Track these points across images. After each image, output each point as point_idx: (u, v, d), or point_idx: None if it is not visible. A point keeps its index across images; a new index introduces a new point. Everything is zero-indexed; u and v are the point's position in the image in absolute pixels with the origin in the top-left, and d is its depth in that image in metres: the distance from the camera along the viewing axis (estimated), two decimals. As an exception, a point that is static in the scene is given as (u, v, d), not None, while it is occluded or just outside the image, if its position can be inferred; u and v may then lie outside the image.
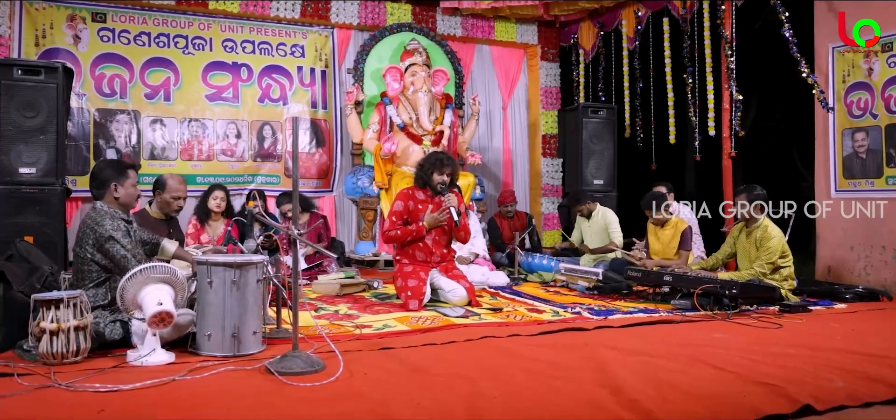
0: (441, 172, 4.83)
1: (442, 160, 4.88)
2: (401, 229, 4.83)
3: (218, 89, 7.64)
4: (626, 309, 4.68)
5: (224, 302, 3.15)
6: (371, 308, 4.61)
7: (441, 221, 4.75)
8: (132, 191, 3.53)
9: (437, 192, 4.84)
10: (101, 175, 3.46)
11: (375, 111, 7.72)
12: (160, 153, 7.39)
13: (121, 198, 3.47)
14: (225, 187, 5.94)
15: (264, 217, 3.58)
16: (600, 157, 7.94)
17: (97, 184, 3.45)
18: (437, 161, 4.89)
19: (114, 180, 3.44)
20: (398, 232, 4.82)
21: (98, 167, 3.56)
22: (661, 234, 5.85)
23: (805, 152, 15.63)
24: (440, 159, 4.89)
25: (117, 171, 3.49)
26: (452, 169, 4.87)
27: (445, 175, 4.82)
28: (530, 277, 6.26)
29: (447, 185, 4.83)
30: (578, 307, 4.71)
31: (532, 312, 4.50)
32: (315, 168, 8.08)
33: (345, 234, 8.27)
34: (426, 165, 4.93)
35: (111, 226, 3.26)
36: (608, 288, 5.40)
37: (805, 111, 7.46)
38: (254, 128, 7.82)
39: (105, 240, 3.24)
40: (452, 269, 4.98)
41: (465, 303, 4.73)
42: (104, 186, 3.44)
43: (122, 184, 3.47)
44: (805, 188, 14.78)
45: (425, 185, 4.92)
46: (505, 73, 9.22)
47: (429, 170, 4.88)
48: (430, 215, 4.77)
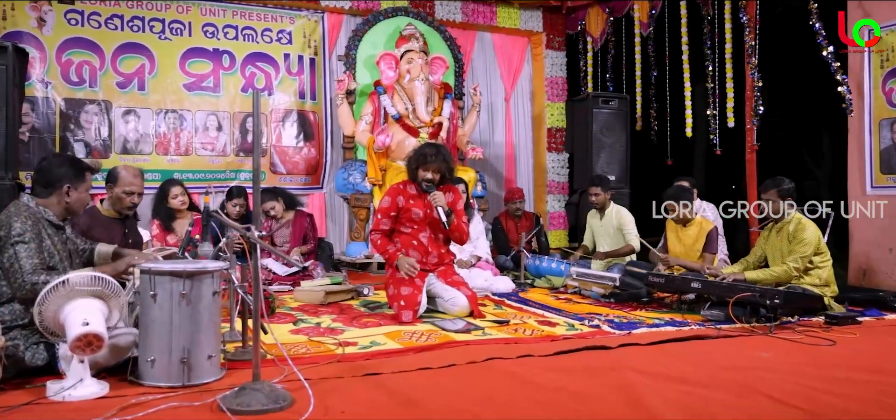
0: (426, 168, 4.24)
1: (426, 154, 4.28)
2: (381, 240, 4.28)
3: (197, 78, 7.05)
4: (651, 321, 4.09)
5: (171, 320, 2.56)
6: (358, 320, 4.03)
7: (412, 273, 4.16)
8: (85, 197, 2.98)
9: (423, 190, 4.26)
10: (54, 172, 2.87)
11: (368, 101, 7.13)
12: (133, 147, 6.80)
13: (72, 203, 2.89)
14: (181, 182, 5.40)
15: (220, 215, 2.99)
16: (612, 151, 7.34)
17: (45, 181, 2.86)
18: (421, 155, 4.31)
19: (68, 182, 2.86)
20: (379, 241, 4.28)
21: (51, 162, 2.96)
22: (684, 234, 5.27)
23: (814, 149, 15.07)
24: (424, 153, 4.30)
25: (75, 172, 2.93)
26: (442, 164, 4.25)
27: (430, 172, 4.23)
28: (538, 282, 5.68)
29: (433, 182, 4.25)
30: (596, 318, 4.12)
31: (543, 325, 3.91)
32: (303, 163, 7.49)
33: (336, 234, 7.68)
34: (411, 160, 4.37)
35: (19, 229, 2.67)
36: (626, 295, 4.82)
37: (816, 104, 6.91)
38: (236, 120, 7.23)
39: (5, 244, 2.65)
40: (452, 274, 4.40)
41: (466, 313, 4.14)
42: (54, 186, 2.85)
43: (77, 188, 2.90)
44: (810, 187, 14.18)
45: (414, 180, 4.35)
46: (507, 63, 8.64)
47: (413, 165, 4.32)
48: (401, 259, 4.19)
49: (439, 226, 4.31)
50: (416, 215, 4.32)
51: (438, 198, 4.20)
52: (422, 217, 4.33)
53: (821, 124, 13.15)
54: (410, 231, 4.33)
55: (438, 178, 4.28)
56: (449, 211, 4.24)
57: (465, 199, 4.51)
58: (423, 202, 4.33)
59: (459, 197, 4.48)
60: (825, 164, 13.73)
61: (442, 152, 4.33)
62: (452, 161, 4.41)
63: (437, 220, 4.28)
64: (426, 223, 4.33)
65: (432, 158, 4.25)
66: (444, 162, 4.28)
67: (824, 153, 13.79)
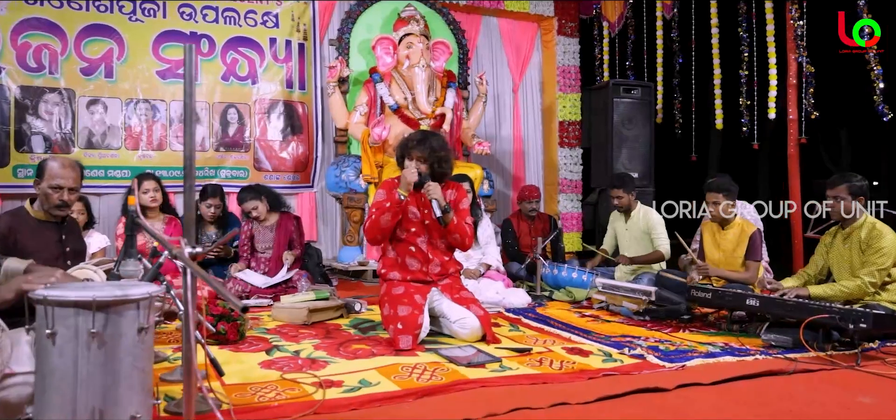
0: (410, 157, 3.57)
1: (407, 143, 3.61)
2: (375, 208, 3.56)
3: (172, 65, 6.32)
4: (703, 348, 3.37)
5: (76, 369, 1.83)
6: (346, 347, 3.30)
7: (411, 178, 3.50)
8: None
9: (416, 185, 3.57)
10: None
11: (363, 90, 6.41)
12: (100, 141, 6.07)
13: None
14: (156, 177, 4.69)
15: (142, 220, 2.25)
16: (634, 145, 6.61)
17: None
18: (404, 144, 3.64)
19: None
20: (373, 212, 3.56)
21: None
22: (723, 238, 4.54)
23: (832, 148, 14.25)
24: (408, 142, 3.62)
25: None
26: (427, 152, 3.55)
27: (416, 161, 3.54)
28: (556, 294, 4.95)
29: (423, 176, 3.54)
30: (636, 343, 3.40)
31: (574, 355, 3.19)
32: (290, 159, 6.77)
33: (327, 238, 6.97)
34: (398, 150, 3.69)
35: None
36: (664, 312, 4.10)
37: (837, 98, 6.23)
38: (216, 111, 6.50)
39: None
40: (459, 288, 3.68)
41: (477, 338, 3.42)
42: None
43: None
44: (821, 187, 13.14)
45: None
46: (516, 51, 7.92)
47: (399, 156, 3.65)
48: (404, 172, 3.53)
49: (440, 229, 3.59)
50: (414, 216, 3.61)
51: (432, 189, 3.50)
52: (419, 218, 3.62)
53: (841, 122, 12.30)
54: (407, 235, 3.62)
55: (426, 171, 3.57)
56: (447, 206, 3.53)
57: (470, 198, 3.78)
58: (421, 201, 3.62)
59: (463, 195, 3.74)
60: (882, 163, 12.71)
61: (430, 140, 3.61)
62: (447, 152, 3.67)
63: (435, 222, 3.58)
64: (425, 226, 3.62)
65: (415, 146, 3.56)
66: (432, 151, 3.56)
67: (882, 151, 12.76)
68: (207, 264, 5.14)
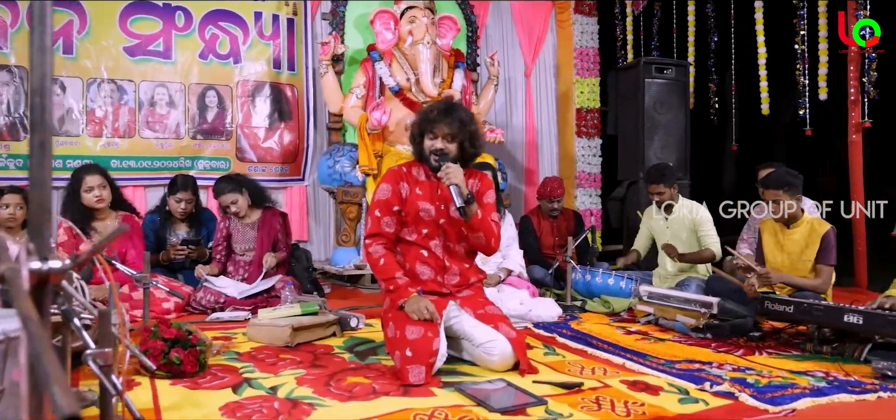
0: (431, 133, 2.80)
1: (428, 115, 2.83)
2: (383, 252, 2.81)
3: (142, 40, 5.54)
4: (801, 379, 2.60)
5: None
6: (339, 380, 2.54)
7: (423, 316, 2.66)
8: None
9: (433, 169, 2.81)
10: None
11: (360, 70, 5.64)
12: (57, 126, 5.29)
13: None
14: (102, 170, 3.94)
15: None
16: (668, 132, 5.83)
17: None
18: (424, 116, 2.86)
19: None
20: (379, 254, 2.80)
21: None
22: (788, 238, 3.80)
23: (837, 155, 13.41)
24: (429, 113, 2.84)
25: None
26: (455, 126, 2.79)
27: (440, 139, 2.79)
28: (590, 305, 4.19)
29: (444, 155, 2.78)
30: (711, 373, 2.64)
31: (639, 391, 2.42)
32: (278, 149, 6.00)
33: (320, 237, 6.21)
34: (415, 127, 2.90)
35: None
36: (728, 328, 3.35)
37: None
38: (193, 94, 5.72)
39: None
40: (484, 302, 2.91)
41: (508, 366, 2.66)
42: None
43: None
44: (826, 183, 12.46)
45: (423, 159, 2.88)
46: (528, 32, 7.16)
47: (417, 134, 2.88)
48: (411, 300, 2.69)
49: (459, 228, 2.83)
50: (426, 213, 2.84)
51: (452, 172, 2.71)
52: (433, 216, 2.85)
53: None
54: (416, 238, 2.85)
55: (455, 153, 2.81)
56: (470, 195, 2.77)
57: (495, 191, 3.01)
58: (436, 193, 2.85)
59: (489, 186, 2.98)
60: None
61: (458, 112, 2.85)
62: (475, 125, 2.91)
63: (456, 220, 2.82)
64: (439, 226, 2.86)
65: (440, 118, 2.79)
66: (461, 126, 2.81)
67: None
68: (178, 269, 4.38)
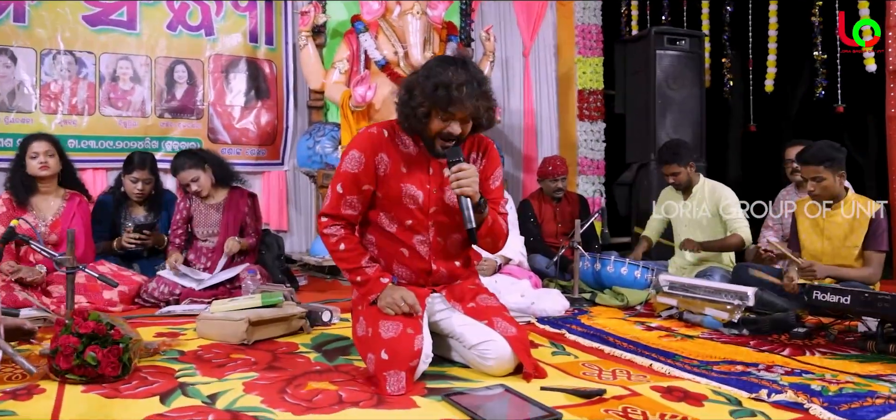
0: (448, 115, 2.11)
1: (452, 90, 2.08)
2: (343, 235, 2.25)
3: (104, 9, 5.04)
4: (875, 385, 2.11)
5: None
6: (299, 387, 2.03)
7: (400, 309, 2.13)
8: None
9: (438, 155, 2.23)
10: None
11: (344, 43, 5.13)
12: (7, 102, 4.78)
13: None
14: (51, 138, 3.44)
15: None
16: (681, 110, 5.33)
17: None
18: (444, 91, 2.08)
19: None
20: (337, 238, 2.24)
21: None
22: (829, 222, 3.32)
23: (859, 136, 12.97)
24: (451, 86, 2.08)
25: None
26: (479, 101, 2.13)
27: (458, 122, 2.13)
28: (600, 297, 3.68)
29: (458, 138, 2.19)
30: (761, 377, 2.15)
31: (676, 401, 1.93)
32: (254, 130, 5.50)
33: (301, 225, 5.71)
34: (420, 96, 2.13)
35: None
36: (768, 323, 2.86)
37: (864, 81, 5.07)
38: (160, 68, 5.21)
39: None
40: (475, 291, 2.38)
41: (508, 370, 2.16)
42: None
43: None
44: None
45: (414, 131, 2.30)
46: (526, 8, 6.70)
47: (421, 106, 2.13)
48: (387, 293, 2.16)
49: (456, 220, 2.27)
50: (412, 200, 2.24)
51: (466, 180, 2.08)
52: (422, 203, 2.26)
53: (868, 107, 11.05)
54: (397, 229, 2.28)
55: (470, 130, 2.24)
56: (483, 201, 2.20)
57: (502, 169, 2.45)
58: (427, 173, 2.28)
59: (495, 162, 2.39)
60: None
61: (483, 82, 2.17)
62: (492, 94, 2.32)
63: (453, 211, 2.23)
64: (429, 217, 2.28)
65: (466, 96, 2.08)
66: (483, 98, 2.16)
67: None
68: (134, 257, 3.87)
